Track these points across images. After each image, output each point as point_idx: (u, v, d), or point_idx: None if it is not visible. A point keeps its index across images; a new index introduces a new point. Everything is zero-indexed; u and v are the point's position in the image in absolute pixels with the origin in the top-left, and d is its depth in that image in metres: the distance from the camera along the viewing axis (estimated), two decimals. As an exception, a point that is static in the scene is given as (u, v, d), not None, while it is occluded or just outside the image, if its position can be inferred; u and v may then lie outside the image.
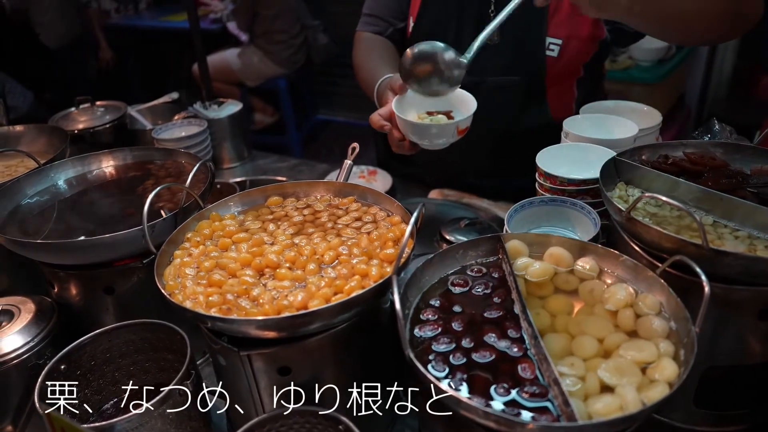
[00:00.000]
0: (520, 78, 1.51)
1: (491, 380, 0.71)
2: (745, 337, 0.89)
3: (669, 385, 0.69)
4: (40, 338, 1.04)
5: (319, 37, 4.38)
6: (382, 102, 1.42)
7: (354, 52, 1.71)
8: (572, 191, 1.16)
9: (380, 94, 1.47)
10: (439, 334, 0.79)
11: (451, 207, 1.59)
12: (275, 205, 1.13)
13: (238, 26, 4.19)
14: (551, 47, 1.47)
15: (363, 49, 1.69)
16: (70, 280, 1.11)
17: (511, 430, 0.65)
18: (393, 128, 1.29)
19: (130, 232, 1.01)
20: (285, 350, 0.85)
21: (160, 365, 1.05)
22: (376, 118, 1.31)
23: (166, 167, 1.36)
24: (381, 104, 1.45)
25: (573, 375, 0.72)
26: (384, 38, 1.69)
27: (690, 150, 1.11)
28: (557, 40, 1.46)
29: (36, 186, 1.28)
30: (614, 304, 0.82)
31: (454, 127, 1.21)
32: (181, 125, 1.90)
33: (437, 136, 1.22)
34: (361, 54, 1.68)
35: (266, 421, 0.85)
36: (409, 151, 1.32)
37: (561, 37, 1.46)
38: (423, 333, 0.79)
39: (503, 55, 1.49)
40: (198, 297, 0.87)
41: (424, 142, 1.25)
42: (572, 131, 1.28)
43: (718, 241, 0.91)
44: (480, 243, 0.93)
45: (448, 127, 1.21)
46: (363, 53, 1.68)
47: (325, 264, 0.95)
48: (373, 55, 1.65)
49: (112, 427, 0.83)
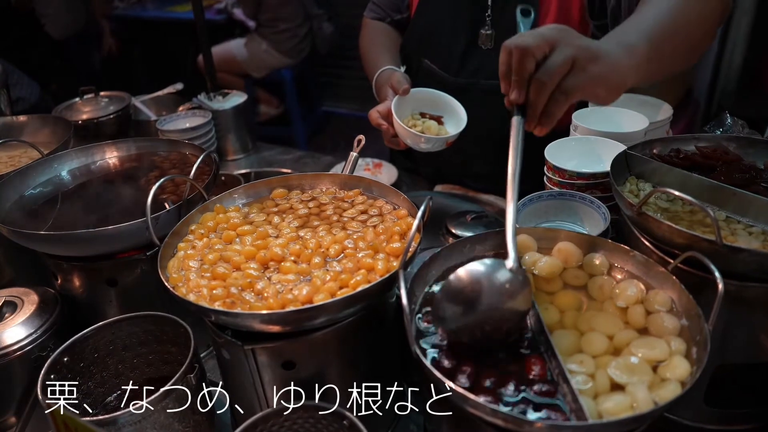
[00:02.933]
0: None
1: (499, 377, 0.70)
2: (757, 335, 0.88)
3: (681, 383, 0.67)
4: (43, 330, 1.04)
5: (324, 26, 4.36)
6: (380, 93, 1.50)
7: (360, 37, 1.78)
8: (581, 185, 1.14)
9: (379, 85, 1.52)
10: (446, 329, 0.77)
11: (457, 201, 1.57)
12: (280, 198, 1.11)
13: (244, 13, 4.16)
14: None
15: (367, 36, 1.75)
16: (73, 271, 1.10)
17: (519, 428, 0.64)
18: (389, 127, 1.38)
19: (134, 223, 1.00)
20: (289, 345, 0.84)
21: (163, 358, 1.04)
22: (375, 115, 1.39)
23: (170, 159, 1.35)
24: (379, 96, 1.52)
25: (583, 372, 0.71)
26: (387, 24, 1.75)
27: (702, 144, 1.09)
28: None
29: (39, 177, 1.27)
30: (624, 300, 0.80)
31: (444, 141, 1.34)
32: (186, 116, 1.89)
33: (426, 144, 1.35)
34: (365, 40, 1.75)
35: (270, 416, 0.84)
36: (402, 148, 1.42)
37: None
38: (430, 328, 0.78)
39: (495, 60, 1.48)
40: (202, 290, 0.86)
41: (415, 146, 1.37)
42: (582, 124, 1.27)
43: (731, 237, 0.89)
44: (487, 237, 0.92)
45: (438, 140, 1.34)
46: (367, 39, 1.74)
47: (330, 258, 0.93)
48: (376, 43, 1.71)
49: (115, 421, 0.82)
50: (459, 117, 1.39)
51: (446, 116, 1.43)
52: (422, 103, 1.43)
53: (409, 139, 1.34)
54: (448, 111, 1.42)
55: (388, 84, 1.43)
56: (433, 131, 1.37)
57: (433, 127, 1.38)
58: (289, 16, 4.09)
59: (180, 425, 0.89)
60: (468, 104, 1.40)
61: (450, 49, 1.55)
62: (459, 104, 1.41)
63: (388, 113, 1.36)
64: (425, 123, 1.39)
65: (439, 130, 1.39)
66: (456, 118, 1.40)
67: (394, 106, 1.35)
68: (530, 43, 0.84)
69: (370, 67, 1.60)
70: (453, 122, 1.41)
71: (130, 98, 1.98)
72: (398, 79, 1.42)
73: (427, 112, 1.43)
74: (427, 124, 1.38)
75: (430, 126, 1.38)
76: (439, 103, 1.43)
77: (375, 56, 1.62)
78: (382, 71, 1.52)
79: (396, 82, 1.40)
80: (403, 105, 1.39)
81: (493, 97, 1.52)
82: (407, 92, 1.38)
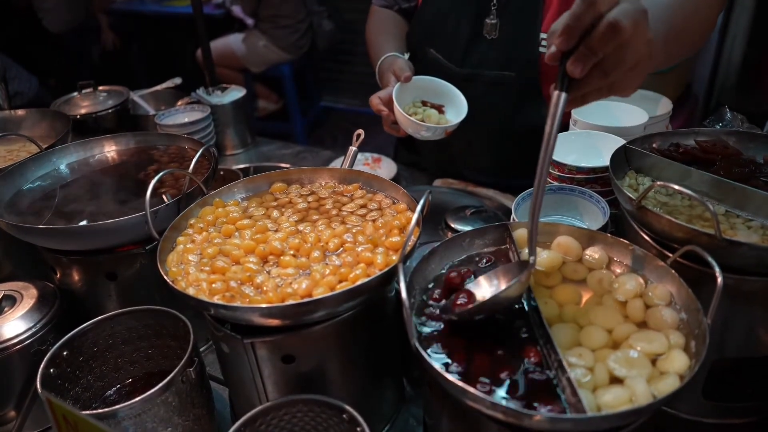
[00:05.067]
0: (515, 74, 1.50)
1: (498, 370, 0.70)
2: (755, 329, 0.88)
3: (679, 377, 0.68)
4: (43, 324, 1.04)
5: (324, 23, 4.36)
6: (383, 80, 1.50)
7: (367, 24, 1.78)
8: (581, 179, 1.14)
9: (382, 72, 1.51)
10: (446, 323, 0.77)
11: (457, 195, 1.57)
12: (279, 192, 1.11)
13: (243, 10, 4.15)
14: (544, 43, 1.45)
15: (373, 23, 1.76)
16: (72, 265, 1.10)
17: (518, 421, 0.64)
18: (389, 114, 1.38)
19: (133, 217, 1.00)
20: (289, 338, 0.84)
21: (163, 352, 1.04)
22: (376, 101, 1.40)
23: (169, 153, 1.34)
24: (381, 82, 1.51)
25: (582, 366, 0.71)
26: (394, 12, 1.75)
27: (702, 138, 1.09)
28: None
29: (38, 171, 1.27)
30: (624, 294, 0.80)
31: (443, 131, 1.34)
32: (184, 111, 1.89)
33: (426, 132, 1.35)
34: (371, 27, 1.75)
35: (270, 410, 0.84)
36: (402, 135, 1.43)
37: None
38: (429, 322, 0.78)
39: (499, 51, 1.50)
40: (201, 284, 0.86)
41: (415, 134, 1.37)
42: (581, 119, 1.27)
43: (730, 231, 0.89)
44: (487, 231, 0.92)
45: (437, 129, 1.34)
46: (373, 27, 1.75)
47: (329, 252, 0.93)
48: (381, 30, 1.71)
49: (114, 414, 0.82)
50: (460, 106, 1.39)
51: (447, 105, 1.42)
52: (424, 91, 1.43)
53: (409, 127, 1.34)
54: (450, 100, 1.42)
55: (391, 70, 1.43)
56: (433, 120, 1.37)
57: (433, 116, 1.38)
58: (290, 12, 4.08)
59: (179, 419, 0.89)
60: (472, 94, 1.40)
61: (455, 39, 1.54)
62: (460, 94, 1.40)
63: (389, 100, 1.36)
64: (426, 111, 1.39)
65: (439, 118, 1.38)
66: (457, 108, 1.40)
67: (396, 92, 1.35)
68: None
69: (375, 54, 1.61)
70: (454, 111, 1.41)
71: (128, 93, 1.98)
72: (401, 65, 1.42)
73: (429, 100, 1.43)
74: (428, 112, 1.38)
75: (431, 114, 1.38)
76: (440, 91, 1.43)
77: (380, 43, 1.63)
78: (385, 57, 1.52)
79: (398, 69, 1.40)
80: (404, 92, 1.38)
81: (494, 90, 1.53)
82: (409, 79, 1.38)
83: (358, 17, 1.80)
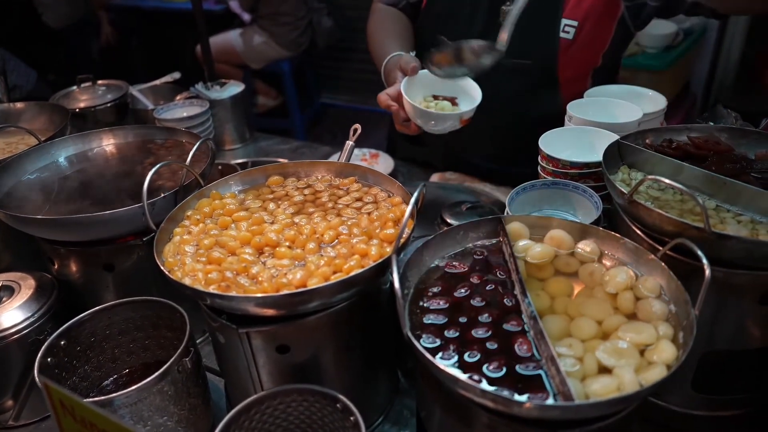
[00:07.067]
0: (531, 62, 1.48)
1: (489, 359, 0.71)
2: (744, 322, 0.89)
3: (667, 367, 0.69)
4: (41, 314, 1.04)
5: (324, 21, 4.35)
6: (389, 79, 1.46)
7: (369, 22, 1.74)
8: (575, 174, 1.15)
9: (388, 71, 1.48)
10: (439, 314, 0.78)
11: (453, 191, 1.58)
12: (276, 185, 1.12)
13: (240, 6, 4.15)
14: (566, 29, 1.44)
15: (376, 21, 1.72)
16: (70, 256, 1.11)
17: (508, 409, 0.65)
18: (399, 108, 1.32)
19: (131, 209, 1.01)
20: (284, 328, 0.85)
21: (159, 342, 1.05)
22: (384, 98, 1.34)
23: (167, 146, 1.35)
24: (387, 81, 1.48)
25: (571, 356, 0.72)
26: (398, 10, 1.71)
27: (694, 134, 1.10)
28: (573, 22, 1.43)
29: (36, 163, 1.28)
30: (614, 286, 0.81)
31: (458, 117, 1.26)
32: (183, 105, 1.89)
33: (441, 122, 1.28)
34: (373, 25, 1.71)
35: (264, 399, 0.85)
36: (413, 132, 1.36)
37: (577, 19, 1.43)
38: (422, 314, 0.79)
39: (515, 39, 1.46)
40: (197, 274, 0.87)
41: (428, 126, 1.30)
42: (576, 115, 1.27)
43: (720, 225, 0.90)
44: (481, 225, 0.93)
45: (453, 116, 1.26)
46: (376, 24, 1.71)
47: (324, 243, 0.94)
48: (385, 28, 1.67)
49: (111, 402, 0.83)
50: (475, 96, 1.31)
51: (461, 96, 1.35)
52: (434, 85, 1.36)
53: (420, 119, 1.28)
54: (463, 90, 1.35)
55: (397, 67, 1.39)
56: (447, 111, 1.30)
57: (447, 108, 1.31)
58: (290, 9, 4.08)
59: (175, 408, 0.90)
60: (486, 83, 1.33)
61: (470, 27, 1.51)
62: (473, 82, 1.33)
63: (398, 95, 1.30)
64: (438, 104, 1.32)
65: (453, 110, 1.31)
66: (472, 98, 1.32)
67: (404, 86, 1.29)
68: None
69: (378, 53, 1.56)
70: (468, 102, 1.32)
71: (127, 87, 1.98)
72: (407, 60, 1.37)
73: (440, 94, 1.36)
74: (441, 105, 1.31)
75: (444, 107, 1.31)
76: (451, 83, 1.35)
77: (384, 42, 1.58)
78: (391, 56, 1.47)
79: (405, 63, 1.36)
80: (413, 88, 1.32)
81: (510, 78, 1.50)
82: (416, 70, 1.33)
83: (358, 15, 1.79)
